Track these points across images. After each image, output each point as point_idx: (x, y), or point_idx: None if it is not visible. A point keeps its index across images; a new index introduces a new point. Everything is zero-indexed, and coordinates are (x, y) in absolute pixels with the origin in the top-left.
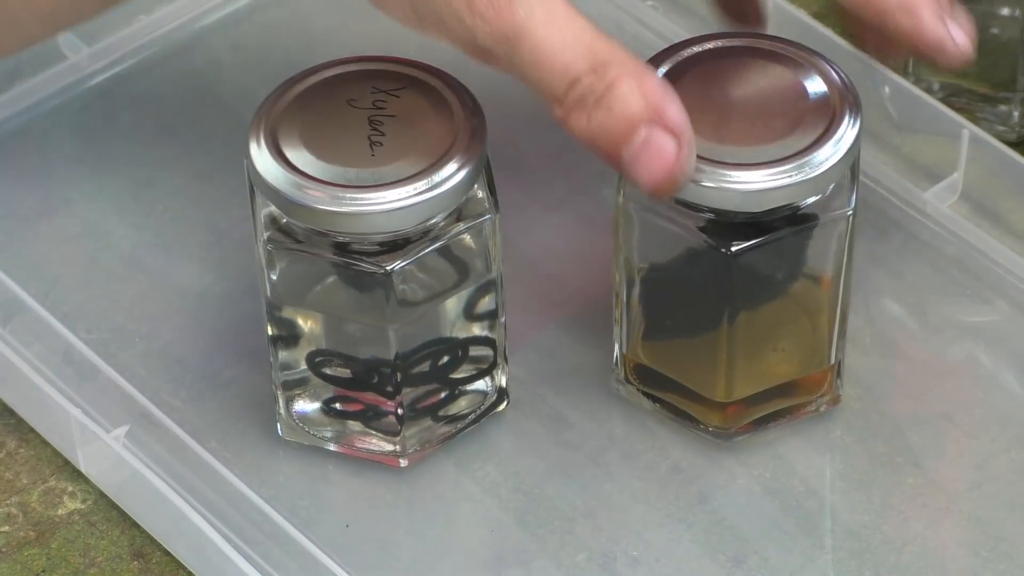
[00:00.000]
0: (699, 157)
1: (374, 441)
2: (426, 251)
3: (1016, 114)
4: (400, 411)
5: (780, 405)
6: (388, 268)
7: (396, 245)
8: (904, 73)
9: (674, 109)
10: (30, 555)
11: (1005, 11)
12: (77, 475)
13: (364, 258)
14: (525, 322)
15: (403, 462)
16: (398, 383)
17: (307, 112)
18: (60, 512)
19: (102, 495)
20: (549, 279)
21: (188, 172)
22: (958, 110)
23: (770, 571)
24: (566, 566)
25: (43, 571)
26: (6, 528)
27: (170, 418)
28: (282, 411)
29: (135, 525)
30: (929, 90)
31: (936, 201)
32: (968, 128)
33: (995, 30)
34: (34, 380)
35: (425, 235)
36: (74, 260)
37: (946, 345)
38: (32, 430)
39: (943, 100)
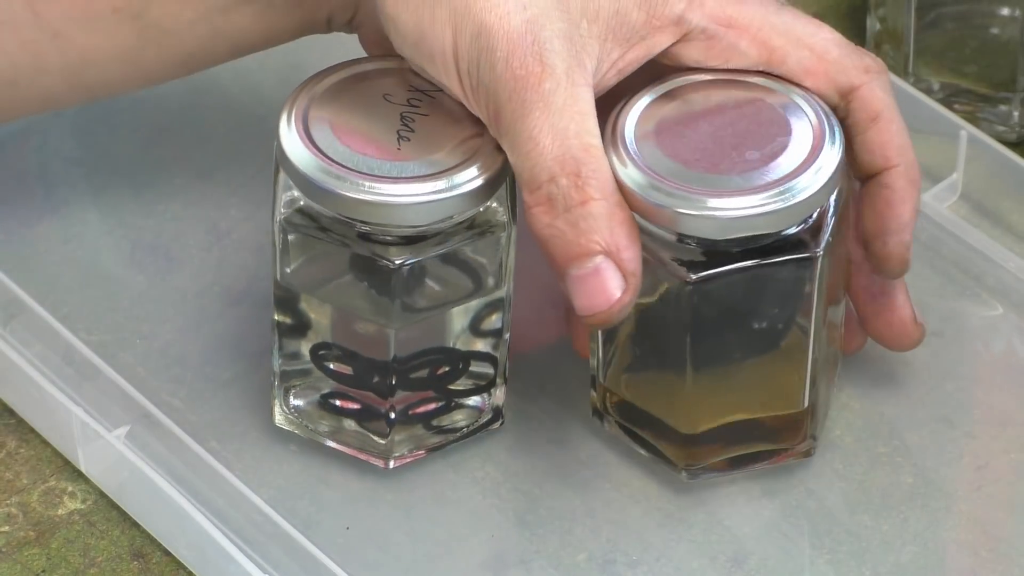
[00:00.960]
0: (671, 181)
1: (365, 439)
2: (437, 252)
3: (1016, 114)
4: (392, 414)
5: (750, 449)
6: (396, 262)
7: (408, 242)
8: (903, 74)
9: (632, 253)
10: (30, 555)
11: (1005, 11)
12: (77, 475)
13: (375, 249)
14: (528, 325)
15: (390, 463)
16: (392, 385)
17: (341, 100)
18: (60, 512)
19: (102, 495)
20: (553, 286)
21: (188, 172)
22: (958, 110)
23: (769, 572)
24: (566, 566)
25: (43, 571)
26: (6, 528)
27: (170, 418)
28: (278, 400)
29: (135, 525)
30: (929, 90)
31: (935, 202)
32: (966, 129)
33: (995, 30)
34: (35, 380)
35: (438, 236)
36: (74, 260)
37: (945, 346)
38: (32, 430)
39: (943, 100)
